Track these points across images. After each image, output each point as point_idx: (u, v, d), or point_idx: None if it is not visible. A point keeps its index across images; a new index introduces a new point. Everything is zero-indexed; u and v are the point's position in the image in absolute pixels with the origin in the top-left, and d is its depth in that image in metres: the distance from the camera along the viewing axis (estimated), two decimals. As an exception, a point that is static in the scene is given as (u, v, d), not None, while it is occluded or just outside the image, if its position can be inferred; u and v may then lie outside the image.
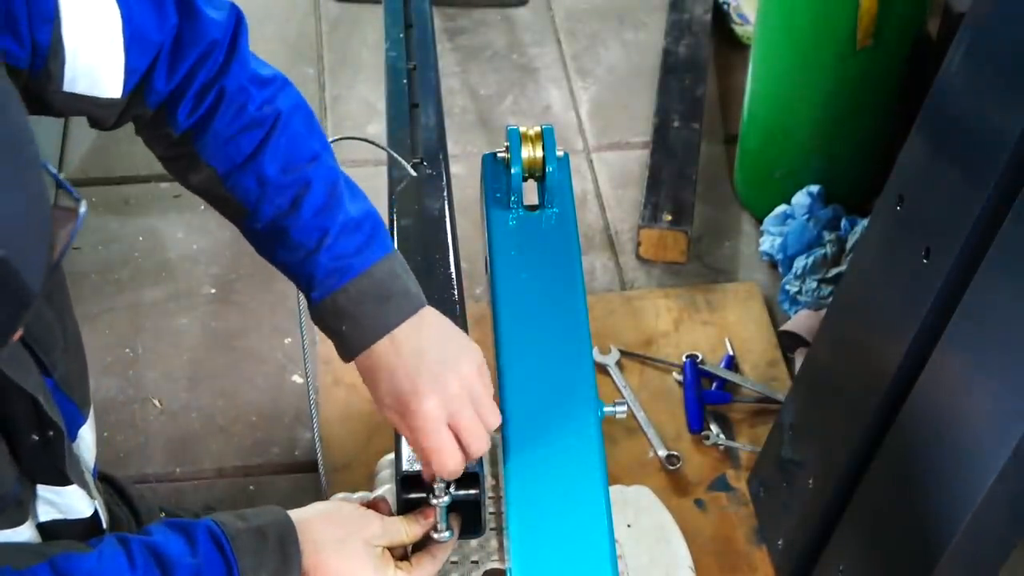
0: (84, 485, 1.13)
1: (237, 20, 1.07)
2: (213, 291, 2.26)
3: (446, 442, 1.06)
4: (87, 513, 1.14)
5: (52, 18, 0.94)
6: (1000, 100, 1.21)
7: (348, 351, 1.08)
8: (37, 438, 1.03)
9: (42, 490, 1.09)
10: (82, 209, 0.76)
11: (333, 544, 1.06)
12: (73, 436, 1.14)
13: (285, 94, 1.10)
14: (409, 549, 1.13)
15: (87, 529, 1.16)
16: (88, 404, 1.16)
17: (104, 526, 1.19)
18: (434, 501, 1.10)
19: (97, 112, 1.03)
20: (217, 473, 2.01)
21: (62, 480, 1.09)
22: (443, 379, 1.06)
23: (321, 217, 1.07)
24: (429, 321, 1.09)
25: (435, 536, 1.12)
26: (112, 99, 1.02)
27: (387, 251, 1.09)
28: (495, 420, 1.09)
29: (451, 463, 1.06)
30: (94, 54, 0.98)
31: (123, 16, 0.99)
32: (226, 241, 2.31)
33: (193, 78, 1.04)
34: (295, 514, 1.08)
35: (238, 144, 1.06)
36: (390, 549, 1.10)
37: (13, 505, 1.05)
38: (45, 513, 1.10)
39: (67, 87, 0.98)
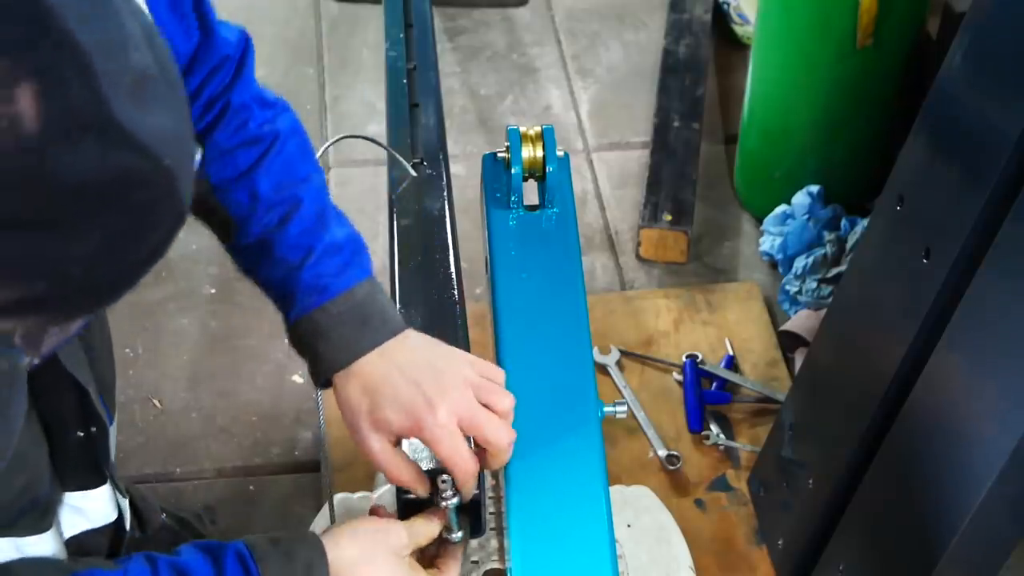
0: (115, 484, 1.13)
1: (246, 42, 1.11)
2: (213, 291, 2.26)
3: (462, 448, 1.05)
4: (113, 516, 1.14)
5: None
6: (1000, 100, 1.21)
7: (323, 371, 1.08)
8: (82, 434, 1.03)
9: (70, 498, 1.09)
10: (198, 155, 0.78)
11: (363, 561, 1.05)
12: None
13: (285, 118, 1.13)
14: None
15: (112, 538, 1.16)
16: (115, 408, 1.16)
17: (127, 528, 1.19)
18: (443, 504, 1.09)
19: None
20: (217, 473, 2.01)
21: (96, 479, 1.09)
22: (447, 386, 1.06)
23: (307, 236, 1.09)
24: (414, 338, 1.10)
25: (448, 537, 1.12)
26: None
27: (367, 275, 1.10)
28: (508, 402, 1.08)
29: (469, 467, 1.06)
30: None
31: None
32: (226, 241, 2.31)
33: (202, 90, 1.07)
34: (323, 538, 1.07)
35: (235, 158, 1.09)
36: (419, 552, 1.09)
37: (39, 510, 1.05)
38: (72, 525, 1.10)
39: None
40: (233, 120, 1.09)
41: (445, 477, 1.06)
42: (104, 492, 1.11)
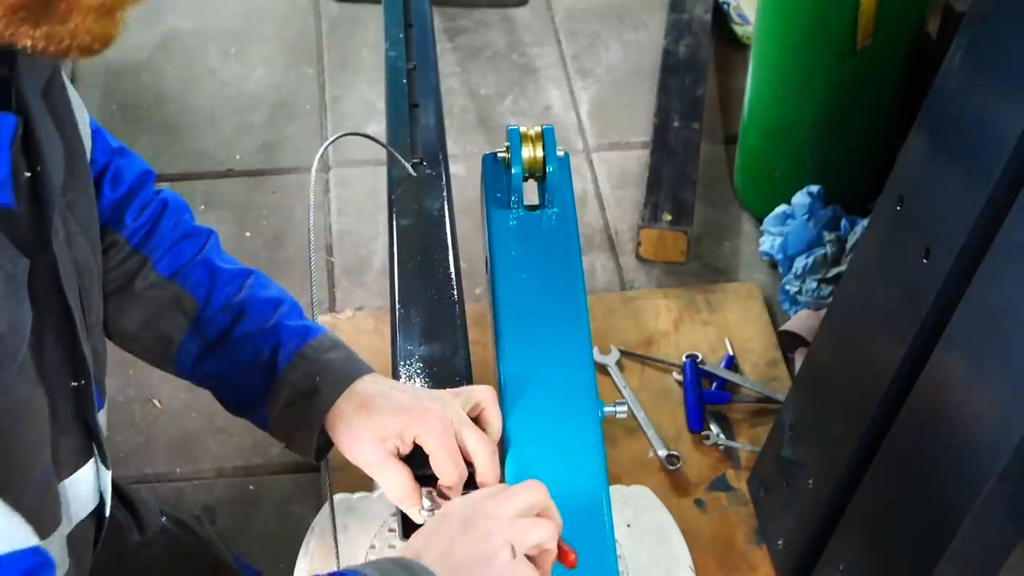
0: (103, 456, 1.11)
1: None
2: (213, 291, 2.25)
3: (453, 446, 1.08)
4: (96, 500, 1.12)
5: None
6: (1000, 100, 1.21)
7: (322, 408, 1.11)
8: (75, 384, 1.02)
9: (67, 487, 1.07)
10: None
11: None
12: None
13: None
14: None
15: (96, 526, 1.15)
16: (104, 392, 1.14)
17: (107, 515, 1.18)
18: (425, 514, 1.09)
19: None
20: (217, 473, 2.01)
21: (86, 450, 1.07)
22: (440, 397, 1.12)
23: (270, 294, 1.20)
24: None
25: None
26: None
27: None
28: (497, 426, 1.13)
29: (458, 463, 1.08)
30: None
31: (90, 117, 1.13)
32: (226, 241, 2.29)
33: (135, 194, 1.20)
34: None
35: (182, 248, 1.21)
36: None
37: (52, 500, 1.03)
38: (67, 521, 1.09)
39: None
40: (173, 215, 1.22)
41: (429, 489, 1.08)
42: (89, 471, 1.10)
